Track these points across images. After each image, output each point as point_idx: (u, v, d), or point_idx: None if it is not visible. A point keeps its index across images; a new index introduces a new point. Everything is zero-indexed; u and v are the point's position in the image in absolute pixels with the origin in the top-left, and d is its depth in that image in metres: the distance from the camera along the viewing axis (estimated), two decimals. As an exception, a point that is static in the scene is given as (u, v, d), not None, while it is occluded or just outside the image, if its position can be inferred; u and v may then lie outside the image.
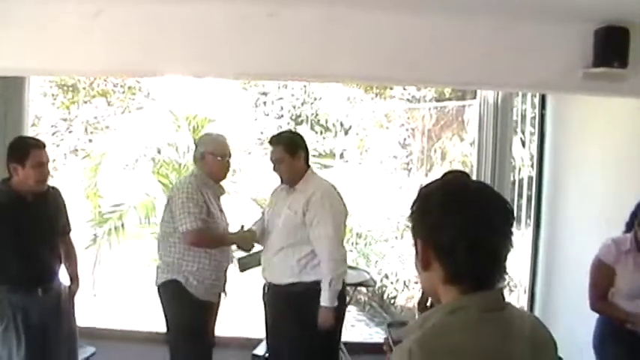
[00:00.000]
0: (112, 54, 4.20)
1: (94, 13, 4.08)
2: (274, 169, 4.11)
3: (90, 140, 12.03)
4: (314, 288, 3.91)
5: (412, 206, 1.55)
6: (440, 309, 1.50)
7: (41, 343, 3.65)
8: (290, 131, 5.07)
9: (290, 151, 4.05)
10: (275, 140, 4.17)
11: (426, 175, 9.67)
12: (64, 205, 3.99)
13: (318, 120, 13.26)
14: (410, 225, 1.56)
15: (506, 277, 1.52)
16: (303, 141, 4.22)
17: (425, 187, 1.57)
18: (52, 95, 11.88)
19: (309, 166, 4.16)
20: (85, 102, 12.22)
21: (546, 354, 1.56)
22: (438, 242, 1.48)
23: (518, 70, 4.13)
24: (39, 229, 3.67)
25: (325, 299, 3.86)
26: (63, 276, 3.97)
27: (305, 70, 4.36)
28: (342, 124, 12.60)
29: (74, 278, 3.99)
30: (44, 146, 3.73)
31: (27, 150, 3.60)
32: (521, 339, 1.49)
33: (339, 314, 4.04)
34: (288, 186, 4.12)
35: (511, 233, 1.49)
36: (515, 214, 1.52)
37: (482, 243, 1.45)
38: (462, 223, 1.45)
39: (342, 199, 4.11)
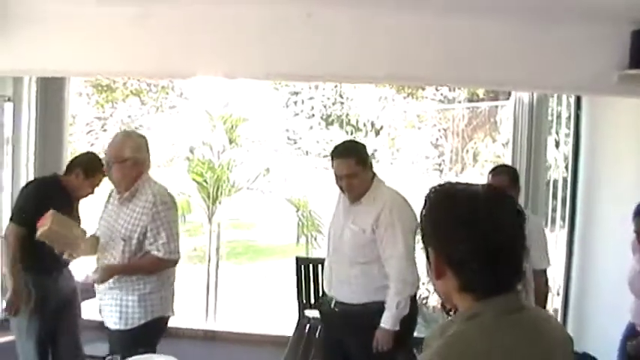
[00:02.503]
0: (151, 55, 4.33)
1: (133, 16, 4.19)
2: (339, 183, 3.64)
3: (124, 139, 12.21)
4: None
5: (422, 212, 1.52)
6: (457, 317, 1.49)
7: (54, 327, 3.97)
8: (354, 141, 4.67)
9: (363, 163, 3.62)
10: (344, 152, 3.66)
11: (457, 175, 9.63)
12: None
13: (349, 120, 13.29)
14: (421, 231, 1.54)
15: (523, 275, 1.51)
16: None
17: (434, 192, 1.53)
18: (87, 95, 12.07)
19: (374, 174, 3.74)
20: (120, 101, 12.41)
21: (565, 352, 1.56)
22: (450, 256, 1.46)
23: (554, 72, 4.12)
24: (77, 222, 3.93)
25: (387, 321, 3.52)
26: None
27: (339, 72, 4.39)
28: (372, 124, 12.61)
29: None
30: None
31: (96, 172, 3.93)
32: (541, 339, 1.48)
33: (403, 338, 3.65)
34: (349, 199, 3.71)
35: (523, 231, 1.47)
36: (524, 213, 1.49)
37: (495, 254, 1.42)
38: (474, 238, 1.42)
39: (412, 209, 3.63)
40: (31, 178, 6.33)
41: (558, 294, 5.96)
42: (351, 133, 13.21)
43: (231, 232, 9.75)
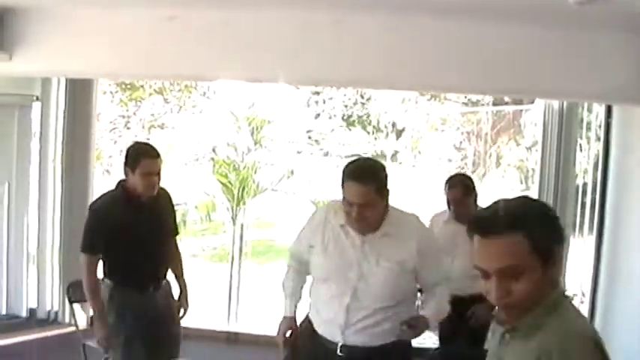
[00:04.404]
0: (174, 58, 4.37)
1: (158, 19, 4.25)
2: (348, 210, 2.94)
3: (147, 138, 12.32)
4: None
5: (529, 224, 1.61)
6: (540, 310, 1.61)
7: (152, 340, 3.73)
8: (373, 160, 3.82)
9: (382, 190, 2.97)
10: (361, 176, 2.91)
11: (480, 179, 9.59)
12: (173, 207, 4.11)
13: (370, 121, 13.30)
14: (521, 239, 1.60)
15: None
16: None
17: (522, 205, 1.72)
18: (111, 93, 12.17)
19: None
20: (143, 99, 12.50)
21: None
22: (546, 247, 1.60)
23: (581, 81, 4.08)
24: (151, 229, 3.73)
25: (431, 310, 3.13)
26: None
27: (365, 78, 4.39)
28: (394, 126, 12.60)
29: (181, 281, 4.07)
30: (157, 155, 3.77)
31: (138, 158, 3.67)
32: None
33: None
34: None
35: None
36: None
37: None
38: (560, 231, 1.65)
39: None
40: (58, 176, 6.41)
41: (582, 301, 5.93)
42: (372, 134, 13.21)
43: (253, 231, 9.79)
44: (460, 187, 4.23)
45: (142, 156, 3.68)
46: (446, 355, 4.29)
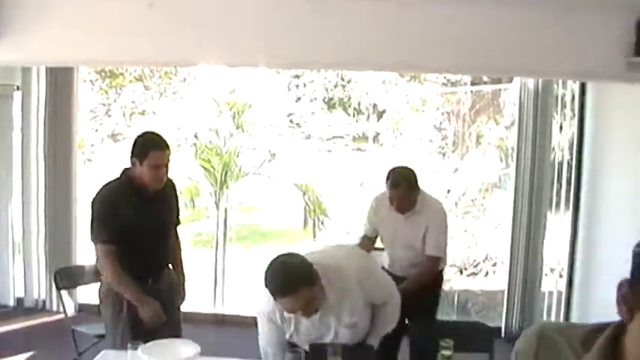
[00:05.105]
0: (153, 44, 4.40)
1: (137, 6, 4.27)
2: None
3: (128, 126, 12.28)
4: None
5: None
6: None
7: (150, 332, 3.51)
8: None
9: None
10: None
11: (462, 158, 9.69)
12: (177, 197, 4.00)
13: (351, 103, 13.32)
14: None
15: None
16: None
17: None
18: (91, 81, 12.10)
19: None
20: (123, 87, 12.45)
21: None
22: None
23: (561, 59, 4.17)
24: (155, 220, 3.66)
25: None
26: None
27: (344, 60, 4.43)
28: (375, 107, 12.63)
29: (179, 270, 3.98)
30: (166, 147, 3.61)
31: (147, 149, 3.53)
32: None
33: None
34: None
35: None
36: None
37: None
38: None
39: None
40: (41, 165, 6.43)
41: (561, 276, 6.05)
42: (354, 116, 13.24)
43: (237, 215, 9.82)
44: (405, 187, 4.15)
45: (150, 147, 3.53)
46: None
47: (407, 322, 3.79)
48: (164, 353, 2.78)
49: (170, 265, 3.90)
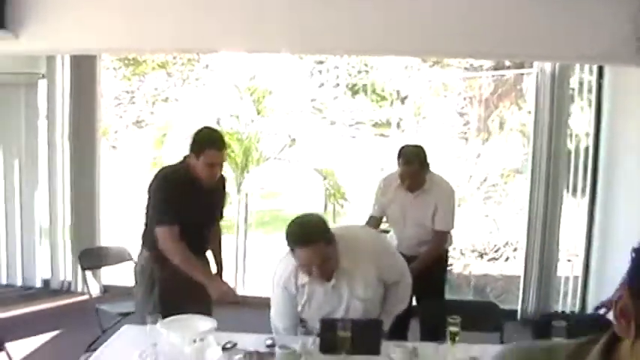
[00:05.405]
0: (175, 31, 4.46)
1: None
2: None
3: (152, 112, 12.42)
4: None
5: None
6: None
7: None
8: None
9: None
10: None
11: (483, 144, 9.67)
12: (225, 193, 4.11)
13: (375, 89, 13.32)
14: None
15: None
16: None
17: None
18: (114, 69, 12.25)
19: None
20: (146, 74, 12.57)
21: None
22: None
23: (575, 43, 4.18)
24: (204, 211, 3.74)
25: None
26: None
27: (366, 46, 4.47)
28: (398, 93, 12.62)
29: (218, 260, 4.08)
30: (223, 147, 3.67)
31: (203, 147, 3.57)
32: None
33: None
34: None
35: None
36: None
37: None
38: None
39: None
40: (67, 152, 6.58)
41: (569, 260, 6.07)
42: (377, 102, 13.24)
43: (259, 201, 9.91)
44: (417, 164, 4.22)
45: (207, 146, 3.57)
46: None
47: (415, 303, 3.88)
48: (182, 327, 2.88)
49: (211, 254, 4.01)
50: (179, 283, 3.55)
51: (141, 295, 3.75)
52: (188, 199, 3.57)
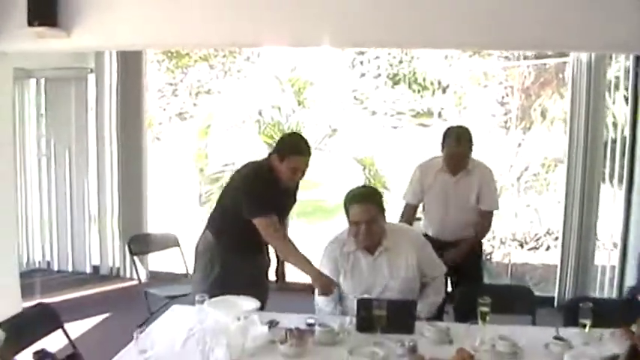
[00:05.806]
0: (219, 26, 4.55)
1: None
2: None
3: (195, 104, 12.63)
4: None
5: None
6: None
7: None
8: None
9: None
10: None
11: (524, 133, 9.63)
12: (296, 197, 4.11)
13: (416, 79, 13.29)
14: None
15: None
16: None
17: None
18: (158, 62, 12.46)
19: None
20: (189, 66, 12.76)
21: None
22: None
23: (605, 32, 4.15)
24: (280, 209, 3.76)
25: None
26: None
27: (406, 38, 4.49)
28: (439, 83, 12.60)
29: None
30: (308, 154, 3.69)
31: (289, 153, 3.62)
32: None
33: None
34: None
35: None
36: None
37: None
38: None
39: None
40: (114, 143, 6.83)
41: (609, 249, 6.07)
42: (418, 92, 13.23)
43: (300, 192, 10.05)
44: (467, 143, 4.28)
45: (293, 152, 3.64)
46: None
47: (450, 289, 3.99)
48: (227, 307, 3.03)
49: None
50: (238, 268, 3.71)
51: (199, 275, 3.84)
52: (273, 196, 3.65)
